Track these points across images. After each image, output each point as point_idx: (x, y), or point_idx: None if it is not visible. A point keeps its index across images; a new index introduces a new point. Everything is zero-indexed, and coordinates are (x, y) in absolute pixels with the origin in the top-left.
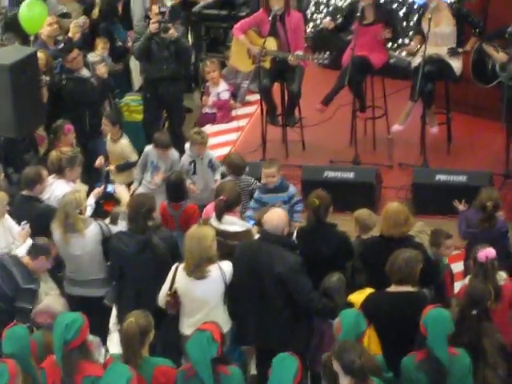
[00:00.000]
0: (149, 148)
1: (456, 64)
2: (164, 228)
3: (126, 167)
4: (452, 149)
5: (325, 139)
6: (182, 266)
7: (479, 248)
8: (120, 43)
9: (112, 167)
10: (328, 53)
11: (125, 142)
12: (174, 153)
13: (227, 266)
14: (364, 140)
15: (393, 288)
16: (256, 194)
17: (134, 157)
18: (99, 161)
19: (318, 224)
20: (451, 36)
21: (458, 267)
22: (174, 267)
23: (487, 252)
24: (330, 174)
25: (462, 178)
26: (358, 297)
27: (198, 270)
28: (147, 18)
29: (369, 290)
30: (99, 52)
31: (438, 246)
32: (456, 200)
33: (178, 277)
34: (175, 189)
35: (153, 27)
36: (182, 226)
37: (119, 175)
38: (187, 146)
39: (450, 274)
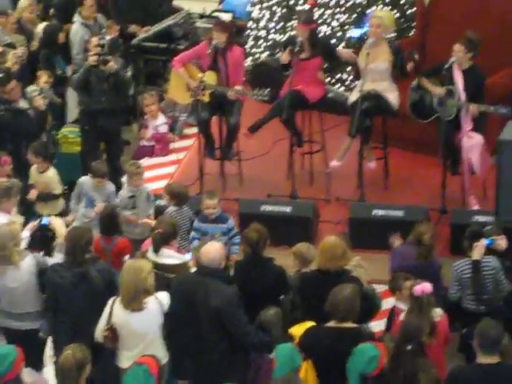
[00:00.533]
0: (84, 179)
1: (393, 98)
2: (101, 261)
3: (47, 198)
4: (389, 184)
5: (262, 173)
6: (118, 299)
7: (416, 282)
8: (60, 72)
9: (33, 195)
10: (268, 89)
11: (51, 174)
12: (109, 185)
13: (164, 296)
14: (301, 174)
15: (333, 323)
16: (196, 223)
17: (58, 189)
18: (32, 193)
19: (254, 257)
20: (387, 71)
21: (389, 303)
22: (110, 301)
23: (423, 287)
24: (268, 208)
25: (399, 213)
26: (298, 330)
27: (134, 302)
28: (86, 50)
29: (310, 324)
30: (42, 84)
31: (399, 289)
32: (393, 234)
33: (115, 310)
34: (108, 222)
35: (92, 59)
36: (113, 260)
37: (44, 207)
38: (124, 179)
39: None
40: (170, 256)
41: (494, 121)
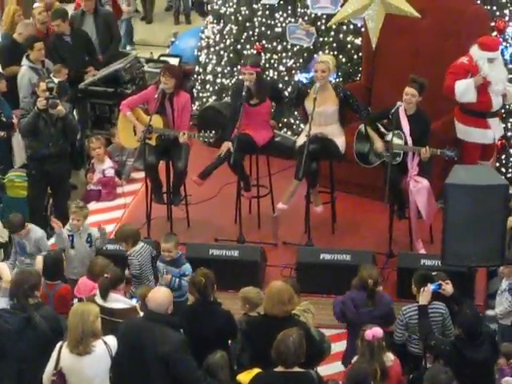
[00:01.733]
0: None
1: (340, 142)
2: (47, 306)
3: None
4: (336, 228)
5: (210, 217)
6: (66, 343)
7: (367, 327)
8: (4, 119)
9: None
10: (214, 132)
11: None
12: (35, 230)
13: (112, 340)
14: (249, 218)
15: (280, 368)
16: (158, 262)
17: (2, 237)
18: None
19: (202, 302)
20: (334, 115)
21: (341, 346)
22: (58, 346)
23: (374, 331)
24: (215, 252)
25: (346, 257)
26: (245, 376)
27: (81, 346)
28: (34, 94)
29: (256, 370)
30: None
31: None
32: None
33: (63, 354)
34: (52, 267)
35: (40, 104)
36: (56, 305)
37: None
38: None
39: None
40: (118, 300)
41: (437, 165)
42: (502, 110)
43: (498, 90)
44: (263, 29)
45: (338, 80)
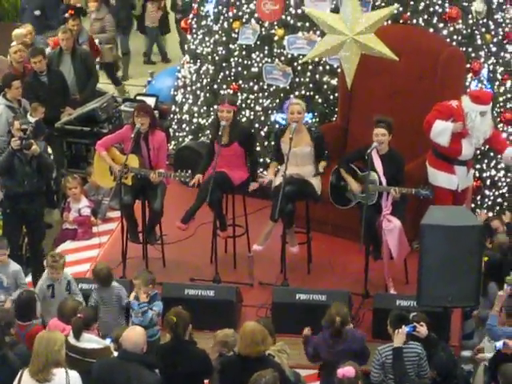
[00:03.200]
0: None
1: (316, 183)
2: (21, 345)
3: None
4: (312, 268)
5: (186, 257)
6: (27, 369)
7: (342, 365)
8: None
9: None
10: (190, 171)
11: None
12: (12, 264)
13: (75, 375)
14: (225, 258)
15: None
16: (133, 303)
17: None
18: None
19: (176, 341)
20: (310, 156)
21: None
22: (19, 373)
23: (345, 371)
24: (191, 292)
25: (322, 298)
26: None
27: (42, 373)
28: (10, 132)
29: None
30: None
31: None
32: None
33: (23, 382)
34: (24, 308)
35: (15, 144)
36: (28, 346)
37: None
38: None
39: None
40: (91, 340)
41: (411, 206)
42: (477, 152)
43: (477, 143)
44: (240, 69)
45: (314, 121)
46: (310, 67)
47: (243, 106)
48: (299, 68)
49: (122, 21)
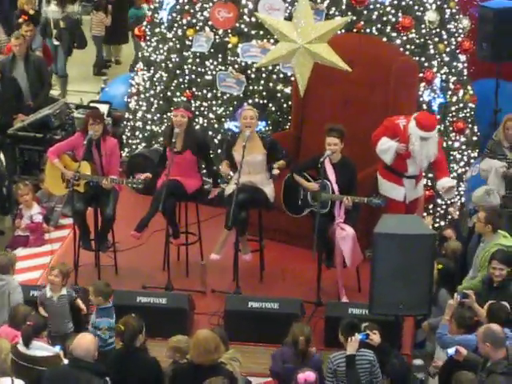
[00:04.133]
0: None
1: (269, 191)
2: None
3: None
4: (265, 276)
5: (138, 264)
6: None
7: (299, 371)
8: None
9: None
10: (142, 178)
11: None
12: None
13: (20, 382)
14: (177, 266)
15: None
16: (92, 317)
17: None
18: None
19: (125, 349)
20: (263, 164)
21: None
22: None
23: (306, 375)
24: (143, 300)
25: (274, 306)
26: None
27: None
28: None
29: None
30: None
31: None
32: None
33: None
34: None
35: None
36: None
37: None
38: None
39: None
40: (41, 348)
41: (363, 215)
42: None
43: (421, 166)
44: (193, 76)
45: (267, 129)
46: (264, 75)
47: (197, 113)
48: (253, 76)
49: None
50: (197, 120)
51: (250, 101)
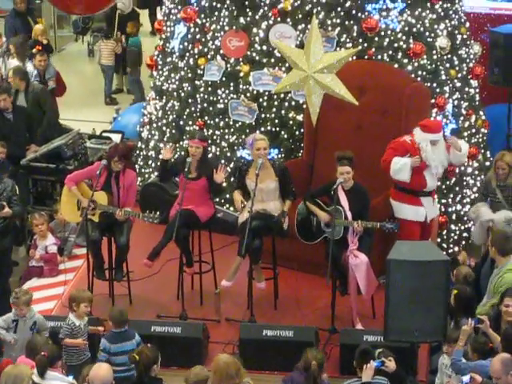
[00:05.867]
0: None
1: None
2: None
3: None
4: (279, 304)
5: (152, 293)
6: None
7: None
8: None
9: None
10: (159, 213)
11: None
12: None
13: None
14: (191, 294)
15: None
16: (103, 344)
17: None
18: None
19: (139, 379)
20: (276, 191)
21: None
22: None
23: None
24: (157, 329)
25: (289, 334)
26: None
27: None
28: None
29: None
30: None
31: None
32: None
33: None
34: None
35: None
36: None
37: None
38: None
39: None
40: (55, 378)
41: (377, 241)
42: (443, 186)
43: (437, 173)
44: (205, 105)
45: (279, 156)
46: (276, 103)
47: (209, 142)
48: (265, 104)
49: None
50: (209, 148)
51: (263, 128)
